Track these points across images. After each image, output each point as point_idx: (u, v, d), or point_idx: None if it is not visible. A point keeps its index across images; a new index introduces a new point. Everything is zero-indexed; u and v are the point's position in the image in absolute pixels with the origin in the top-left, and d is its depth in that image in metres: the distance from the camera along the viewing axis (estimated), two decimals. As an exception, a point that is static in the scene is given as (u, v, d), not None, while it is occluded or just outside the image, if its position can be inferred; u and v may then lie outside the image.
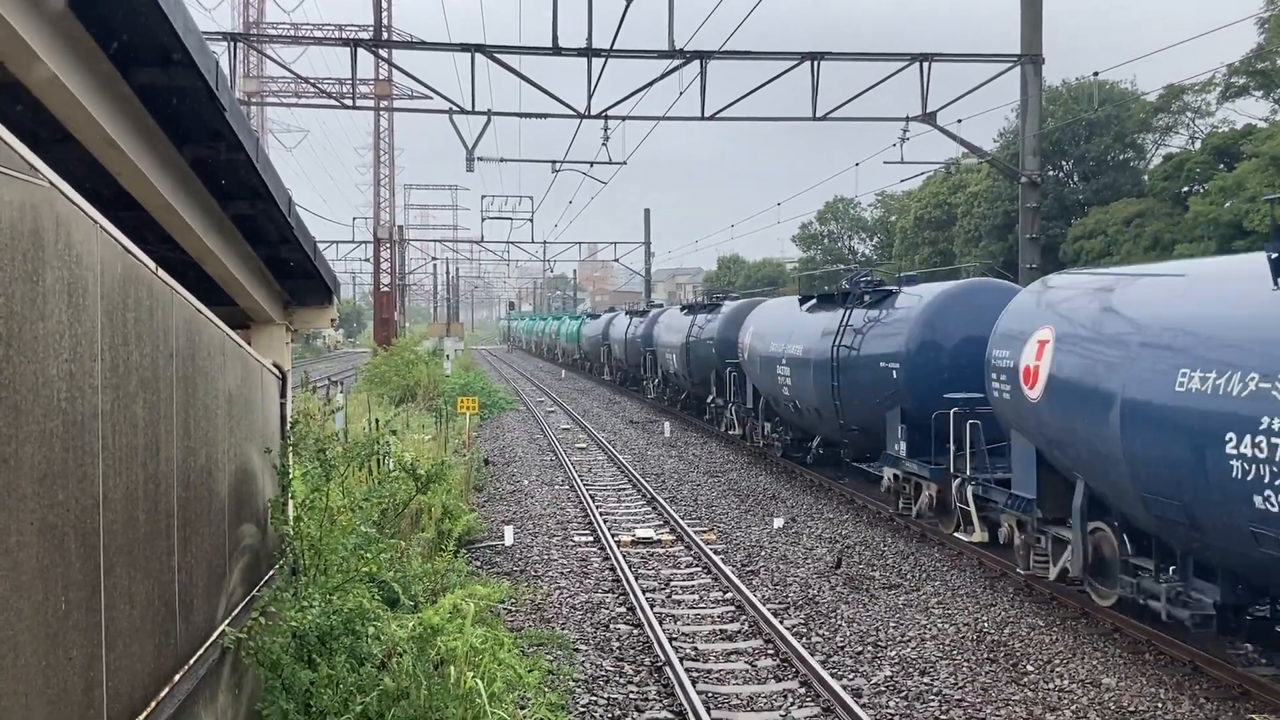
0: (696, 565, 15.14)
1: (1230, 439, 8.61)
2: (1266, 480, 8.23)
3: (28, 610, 3.49)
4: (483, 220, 59.89)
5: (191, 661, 5.55)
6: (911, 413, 16.55)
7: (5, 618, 3.32)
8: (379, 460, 11.97)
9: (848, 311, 18.93)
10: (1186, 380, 9.23)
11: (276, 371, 8.60)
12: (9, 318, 3.35)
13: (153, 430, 4.86)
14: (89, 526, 4.04)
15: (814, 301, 21.68)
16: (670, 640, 11.33)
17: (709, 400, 30.80)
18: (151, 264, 4.89)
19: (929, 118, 24.78)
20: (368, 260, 63.22)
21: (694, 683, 10.01)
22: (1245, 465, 8.43)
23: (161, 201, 6.19)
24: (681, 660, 10.67)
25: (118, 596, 4.37)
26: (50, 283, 3.68)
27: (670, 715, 9.41)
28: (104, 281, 4.22)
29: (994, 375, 13.21)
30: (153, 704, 4.84)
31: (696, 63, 23.88)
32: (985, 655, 10.96)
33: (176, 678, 5.25)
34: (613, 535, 16.77)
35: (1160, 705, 9.50)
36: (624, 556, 15.34)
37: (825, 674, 10.01)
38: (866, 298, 18.83)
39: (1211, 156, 40.98)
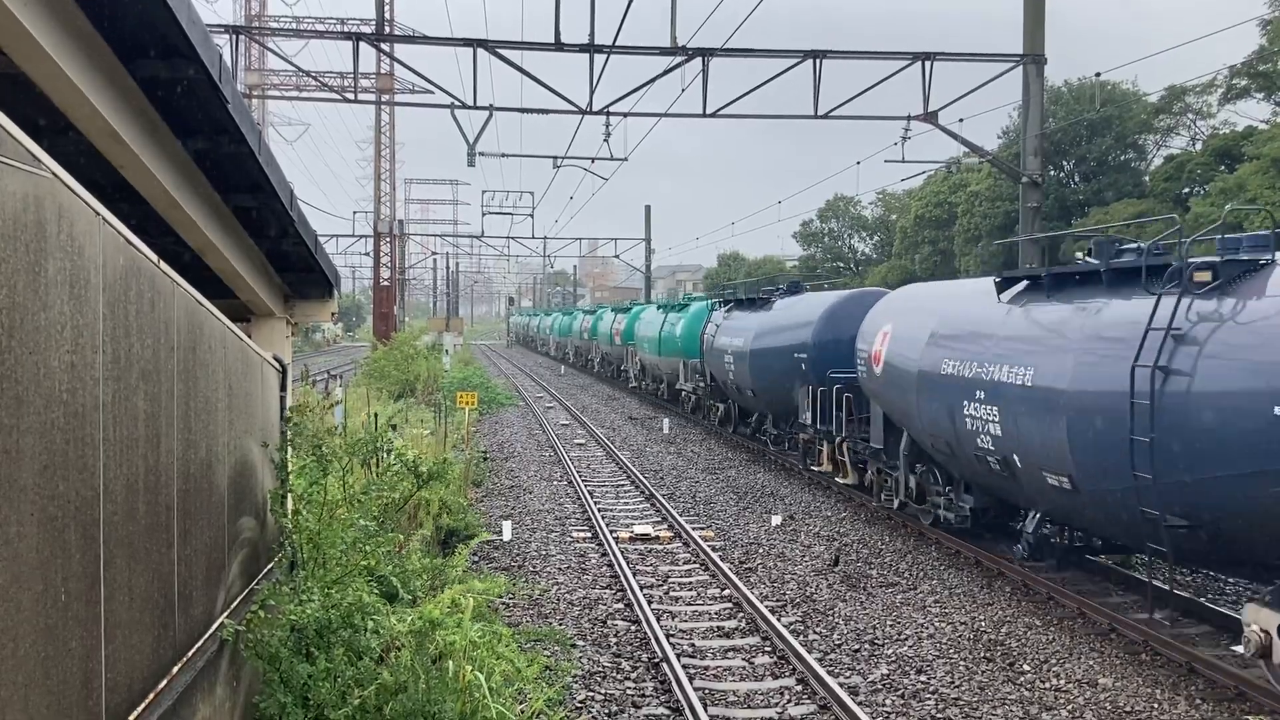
0: (694, 562, 15.15)
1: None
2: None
3: (27, 601, 3.49)
4: (483, 215, 59.91)
5: (190, 654, 5.55)
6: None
7: (5, 609, 3.33)
8: (379, 456, 11.97)
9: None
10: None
11: (277, 365, 8.60)
12: (11, 309, 3.35)
13: (153, 422, 4.86)
14: (89, 518, 4.04)
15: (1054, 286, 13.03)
16: (668, 637, 11.35)
17: (789, 424, 24.09)
18: (153, 256, 4.89)
19: (930, 117, 24.77)
20: (368, 254, 63.21)
21: (691, 679, 10.02)
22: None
23: (164, 194, 6.19)
24: (679, 657, 10.68)
25: (117, 588, 4.38)
26: (52, 274, 3.69)
27: (667, 712, 9.43)
28: (106, 273, 4.22)
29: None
30: (151, 695, 4.85)
31: (698, 60, 23.86)
32: (982, 654, 10.98)
33: (175, 669, 5.26)
34: (611, 531, 16.78)
35: (1156, 705, 9.52)
36: (622, 553, 15.36)
37: (822, 671, 10.02)
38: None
39: (1212, 158, 41.00)
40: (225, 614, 6.42)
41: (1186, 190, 41.80)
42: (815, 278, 59.67)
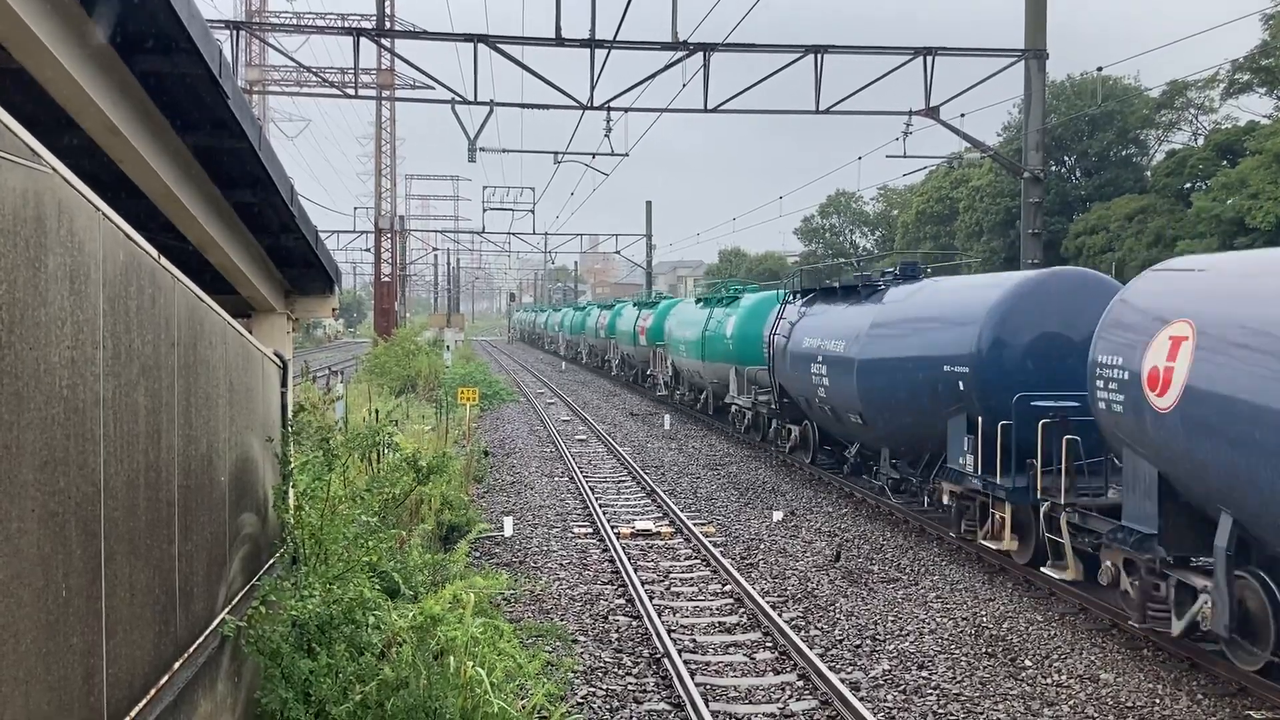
0: (696, 558, 15.15)
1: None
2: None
3: (28, 597, 3.49)
4: (484, 211, 59.88)
5: (191, 649, 5.55)
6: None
7: (5, 604, 3.32)
8: (380, 451, 11.97)
9: None
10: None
11: (277, 360, 8.60)
12: (11, 304, 3.34)
13: (154, 418, 4.86)
14: (90, 514, 4.04)
15: None
16: (669, 632, 11.35)
17: (925, 466, 16.99)
18: (154, 252, 4.88)
19: (932, 112, 24.74)
20: (369, 250, 63.20)
21: (692, 675, 10.02)
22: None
23: (164, 189, 6.19)
24: (680, 652, 10.68)
25: (118, 584, 4.37)
26: (52, 269, 3.68)
27: (668, 707, 9.43)
28: (106, 269, 4.21)
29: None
30: (152, 691, 4.85)
31: (700, 55, 23.85)
32: (984, 650, 10.98)
33: (176, 665, 5.25)
34: (612, 527, 16.78)
35: (1158, 701, 9.52)
36: (623, 549, 15.36)
37: (823, 667, 10.02)
38: None
39: (1214, 153, 40.95)
40: (226, 610, 6.42)
41: (1188, 185, 41.75)
42: (817, 274, 59.61)
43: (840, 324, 19.00)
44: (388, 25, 28.01)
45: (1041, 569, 12.86)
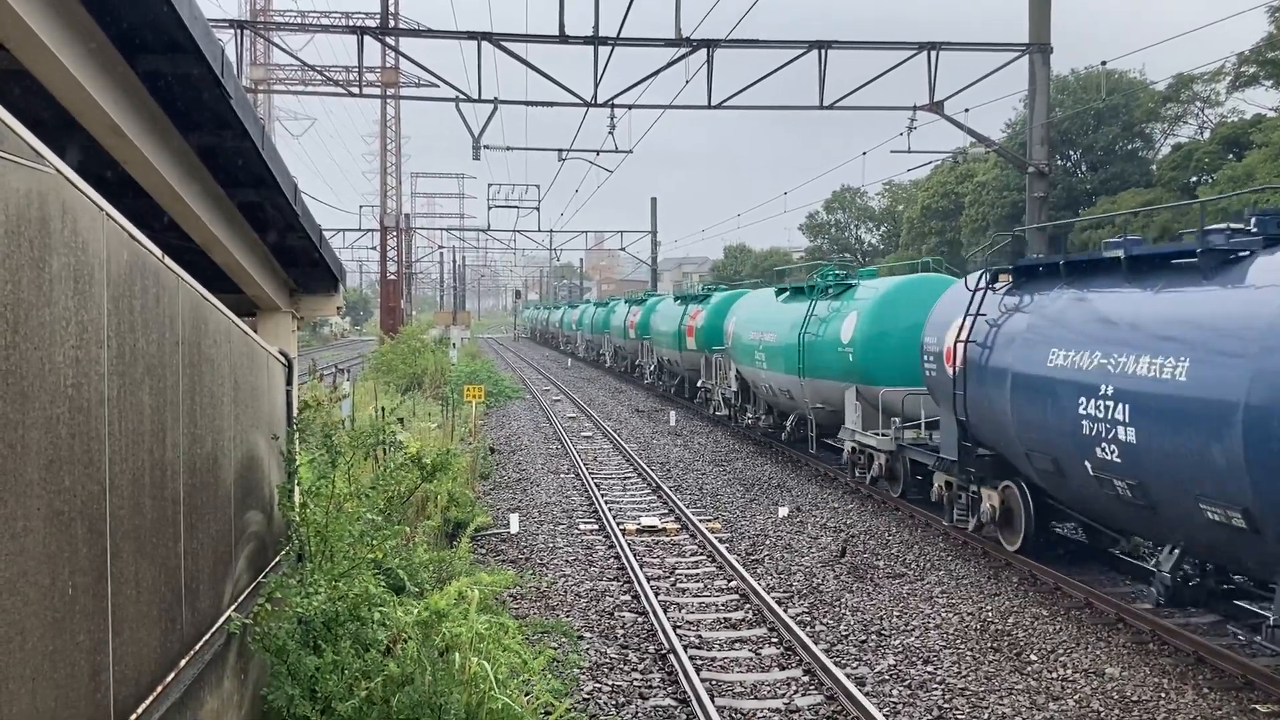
0: (701, 553, 15.17)
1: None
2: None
3: (34, 595, 3.52)
4: (489, 208, 59.93)
5: (198, 647, 5.58)
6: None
7: (12, 603, 3.35)
8: (385, 449, 12.00)
9: None
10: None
11: (283, 359, 8.63)
12: (16, 305, 3.37)
13: (159, 417, 4.88)
14: (95, 512, 4.07)
15: None
16: (674, 628, 11.37)
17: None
18: (158, 251, 4.91)
19: (936, 107, 24.71)
20: (374, 248, 63.29)
21: (698, 670, 10.04)
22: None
23: (168, 189, 6.21)
24: (686, 648, 10.71)
25: (124, 582, 4.40)
26: (57, 269, 3.70)
27: (674, 703, 9.45)
28: (110, 268, 4.24)
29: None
30: (159, 688, 4.88)
31: (703, 51, 23.84)
32: (989, 644, 10.98)
33: (183, 663, 5.28)
34: (618, 523, 16.81)
35: (1164, 695, 9.52)
36: (629, 545, 15.38)
37: (829, 662, 10.03)
38: None
39: (1221, 146, 40.84)
40: (232, 607, 6.45)
41: (1194, 179, 41.64)
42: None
43: (1166, 325, 10.51)
44: (392, 23, 28.03)
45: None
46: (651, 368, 42.04)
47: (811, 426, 22.11)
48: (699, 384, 32.39)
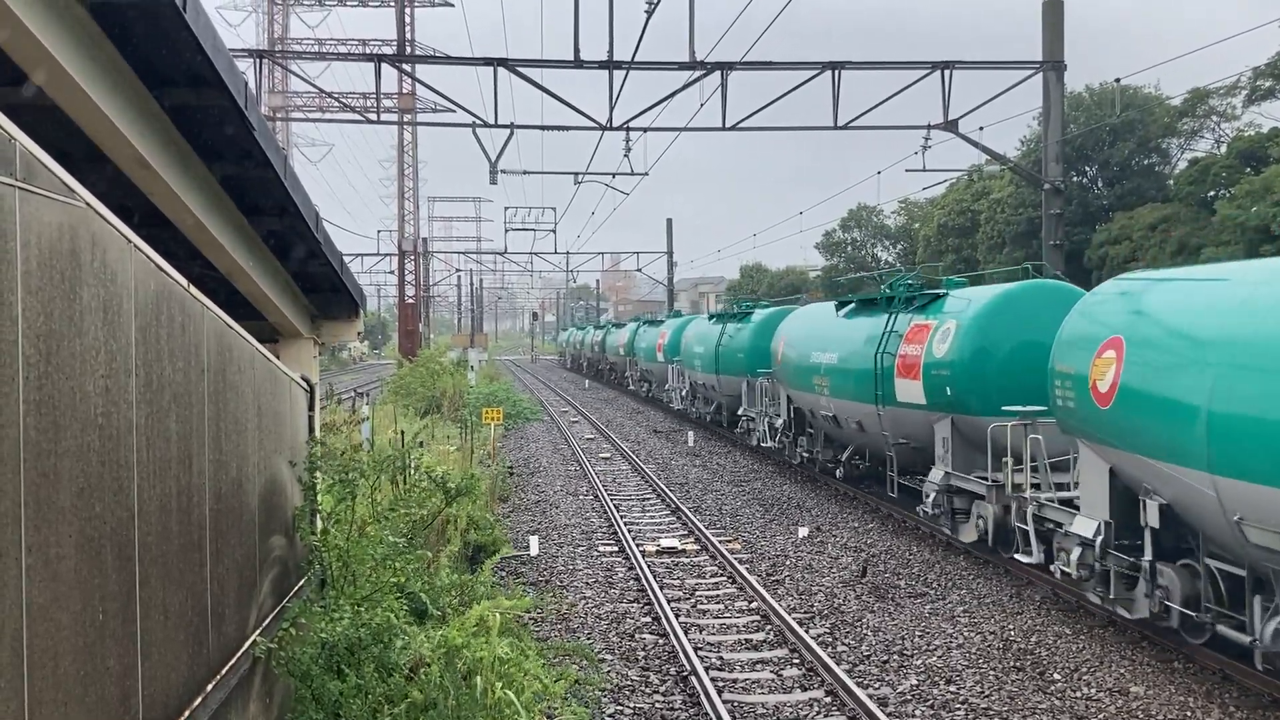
0: (721, 574, 15.15)
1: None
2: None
3: (66, 621, 3.58)
4: (506, 231, 60.25)
5: (224, 671, 5.63)
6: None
7: (45, 628, 3.41)
8: (407, 474, 12.06)
9: None
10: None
11: (304, 384, 8.71)
12: (48, 335, 3.44)
13: (185, 444, 4.95)
14: (125, 538, 4.13)
15: None
16: (695, 650, 11.35)
17: None
18: (183, 281, 4.99)
19: (951, 125, 24.75)
20: (393, 272, 63.66)
21: (720, 692, 10.02)
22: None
23: (193, 219, 6.31)
24: (707, 670, 10.69)
25: (152, 607, 4.46)
26: (87, 300, 3.78)
27: (696, 724, 9.43)
28: (138, 299, 4.32)
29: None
30: (186, 713, 4.93)
31: (717, 74, 23.97)
32: (1012, 664, 10.92)
33: (209, 687, 5.33)
34: (637, 545, 16.80)
35: (1190, 714, 9.44)
36: (649, 566, 15.38)
37: (851, 683, 10.00)
38: None
39: (1238, 160, 40.67)
40: (257, 631, 6.50)
41: (1212, 193, 41.48)
42: (839, 287, 59.56)
43: None
44: (408, 50, 28.31)
45: None
46: (683, 392, 38.21)
47: (891, 465, 18.27)
48: (739, 412, 28.60)
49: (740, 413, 28.30)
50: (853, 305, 20.80)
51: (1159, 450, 10.20)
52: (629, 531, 17.90)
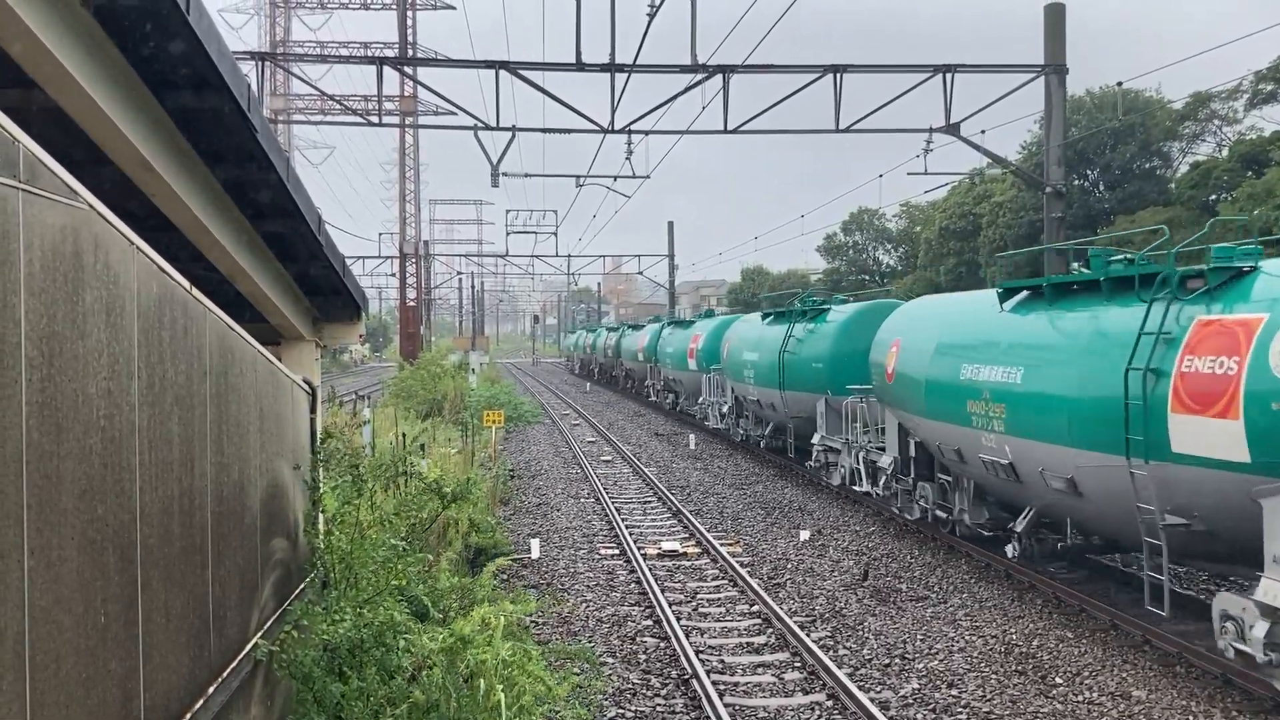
0: (723, 578, 15.14)
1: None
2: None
3: (68, 623, 3.57)
4: (507, 234, 60.25)
5: (225, 673, 5.63)
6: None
7: (47, 630, 3.41)
8: (407, 477, 12.07)
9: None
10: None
11: (306, 387, 8.71)
12: (51, 337, 3.44)
13: (187, 446, 4.95)
14: (127, 541, 4.13)
15: None
16: (697, 653, 11.35)
17: None
18: (186, 283, 4.99)
19: (953, 128, 24.75)
20: (394, 275, 63.72)
21: (721, 696, 10.01)
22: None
23: (195, 221, 6.32)
24: (708, 673, 10.68)
25: (154, 609, 4.46)
26: (89, 303, 3.78)
27: (697, 728, 9.42)
28: (140, 301, 4.32)
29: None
30: (188, 715, 4.92)
31: (719, 77, 23.98)
32: (1014, 667, 10.91)
33: (211, 689, 5.33)
34: (638, 548, 16.79)
35: (1192, 718, 9.43)
36: (650, 569, 15.37)
37: (853, 687, 9.99)
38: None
39: (1239, 163, 40.68)
40: (259, 634, 6.50)
41: (1213, 197, 41.47)
42: (840, 290, 59.53)
43: None
44: (410, 53, 28.33)
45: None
46: (723, 408, 31.17)
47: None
48: (814, 440, 22.17)
49: (816, 441, 22.23)
50: (1074, 292, 13.25)
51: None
52: (630, 534, 17.89)
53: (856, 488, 19.87)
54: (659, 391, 44.90)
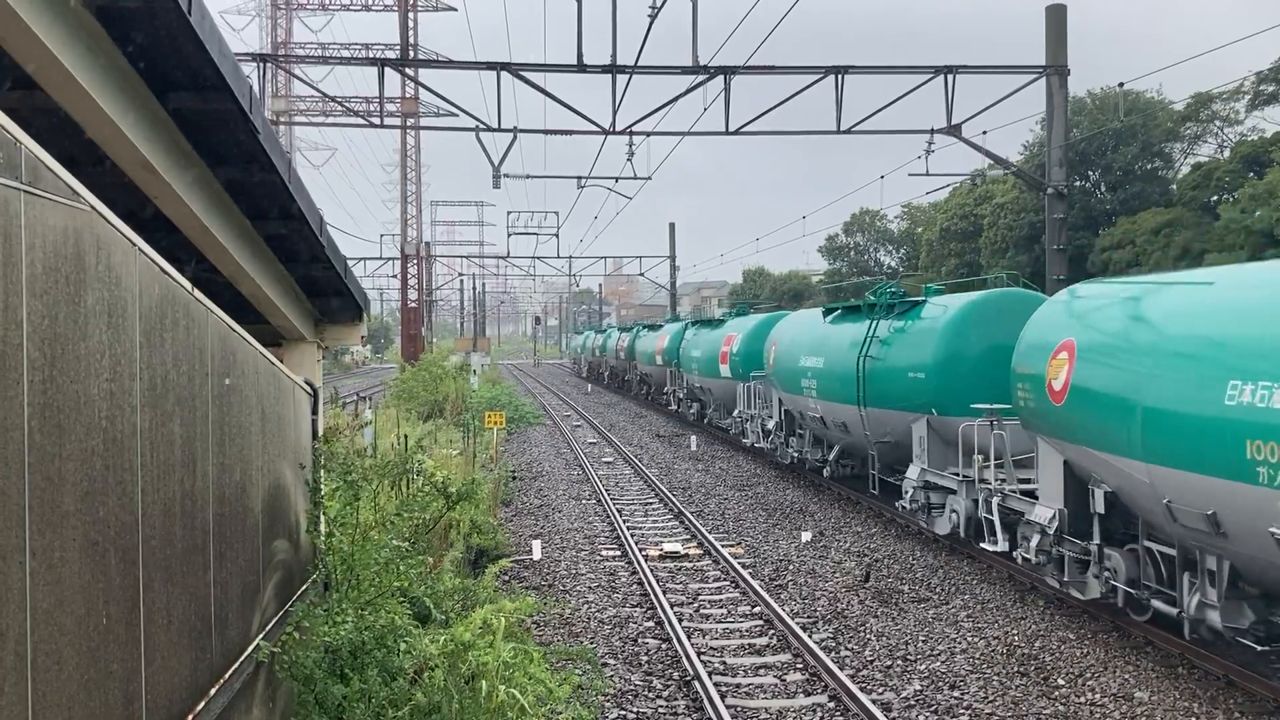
0: (724, 579, 15.13)
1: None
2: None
3: (70, 625, 3.57)
4: (509, 236, 60.24)
5: (227, 675, 5.62)
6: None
7: (49, 632, 3.40)
8: (410, 477, 12.06)
9: None
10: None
11: (308, 388, 8.70)
12: (53, 339, 3.44)
13: (189, 448, 4.95)
14: (128, 542, 4.12)
15: None
16: (699, 654, 11.34)
17: None
18: (187, 284, 4.99)
19: (954, 130, 24.75)
20: (395, 276, 63.72)
21: (723, 697, 10.01)
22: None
23: (197, 223, 6.31)
24: (710, 674, 10.67)
25: (156, 611, 4.45)
26: (91, 304, 3.78)
27: (699, 729, 9.41)
28: (142, 302, 4.31)
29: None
30: (190, 717, 4.91)
31: (720, 78, 23.99)
32: (1016, 669, 10.90)
33: (213, 691, 5.32)
34: (640, 549, 16.78)
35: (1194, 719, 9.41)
36: (651, 570, 15.36)
37: (855, 688, 9.98)
38: None
39: (1241, 164, 40.66)
40: (261, 636, 6.49)
41: (1215, 198, 41.46)
42: (841, 292, 59.49)
43: None
44: (411, 55, 28.34)
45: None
46: (767, 422, 25.55)
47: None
48: (913, 474, 16.95)
49: (913, 476, 16.96)
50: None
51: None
52: (632, 536, 17.88)
53: (987, 547, 14.49)
54: (681, 401, 38.94)
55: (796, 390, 22.50)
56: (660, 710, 9.90)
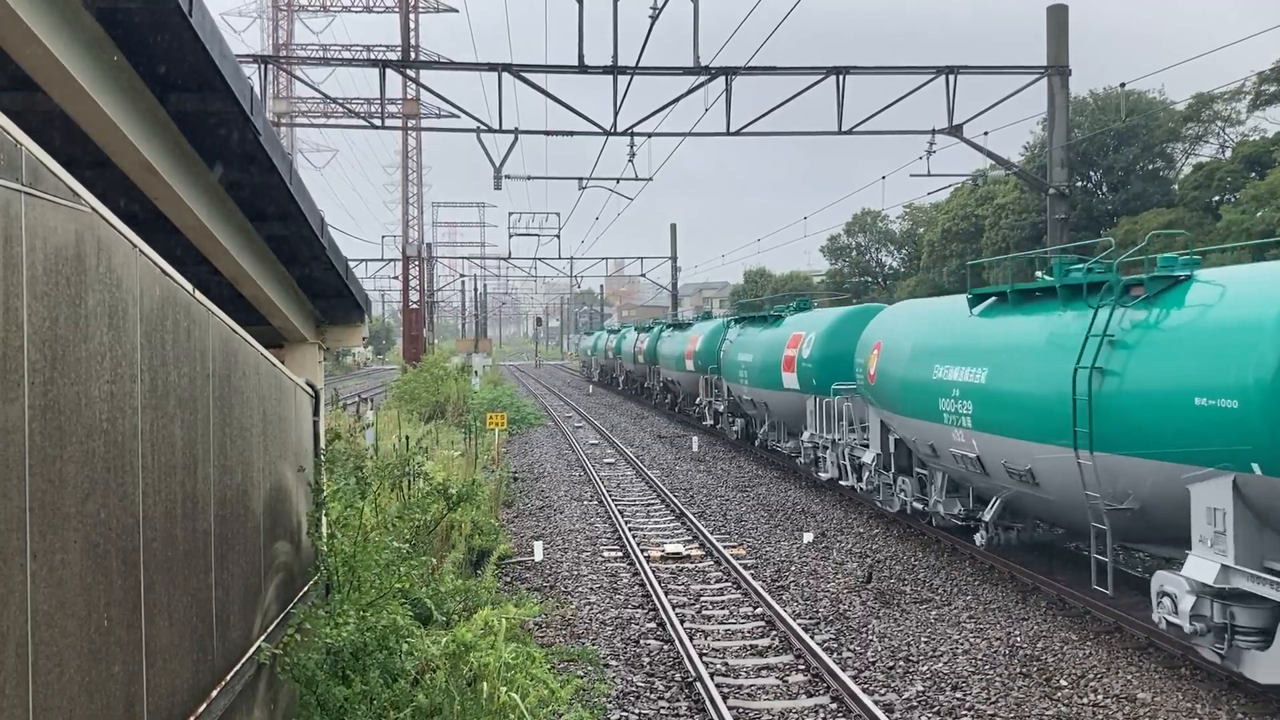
0: (726, 580, 15.12)
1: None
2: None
3: (72, 627, 3.56)
4: (510, 237, 60.21)
5: (229, 677, 5.62)
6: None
7: (50, 635, 3.40)
8: (410, 479, 12.06)
9: None
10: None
11: (309, 390, 8.70)
12: (54, 341, 3.43)
13: (190, 449, 4.94)
14: (130, 544, 4.12)
15: None
16: (701, 656, 11.32)
17: None
18: (189, 286, 4.98)
19: (955, 130, 24.73)
20: (397, 278, 63.75)
21: (725, 698, 9.99)
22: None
23: (198, 224, 6.31)
24: (712, 676, 10.66)
25: (157, 613, 4.45)
26: (92, 306, 3.77)
27: (701, 731, 9.40)
28: (143, 304, 4.31)
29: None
30: (191, 719, 4.91)
31: (722, 79, 23.98)
32: (1018, 670, 10.88)
33: (214, 693, 5.32)
34: (642, 550, 16.77)
35: (1197, 720, 9.40)
36: (653, 571, 15.35)
37: (857, 689, 9.97)
38: None
39: (1242, 165, 40.64)
40: (262, 637, 6.48)
41: (1216, 198, 41.44)
42: (842, 292, 59.51)
43: None
44: (413, 56, 28.34)
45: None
46: (866, 454, 19.00)
47: None
48: (1200, 572, 9.80)
49: (1191, 573, 9.98)
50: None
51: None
52: (633, 537, 17.87)
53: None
54: (721, 415, 32.55)
55: (926, 415, 15.83)
56: (662, 711, 9.89)
